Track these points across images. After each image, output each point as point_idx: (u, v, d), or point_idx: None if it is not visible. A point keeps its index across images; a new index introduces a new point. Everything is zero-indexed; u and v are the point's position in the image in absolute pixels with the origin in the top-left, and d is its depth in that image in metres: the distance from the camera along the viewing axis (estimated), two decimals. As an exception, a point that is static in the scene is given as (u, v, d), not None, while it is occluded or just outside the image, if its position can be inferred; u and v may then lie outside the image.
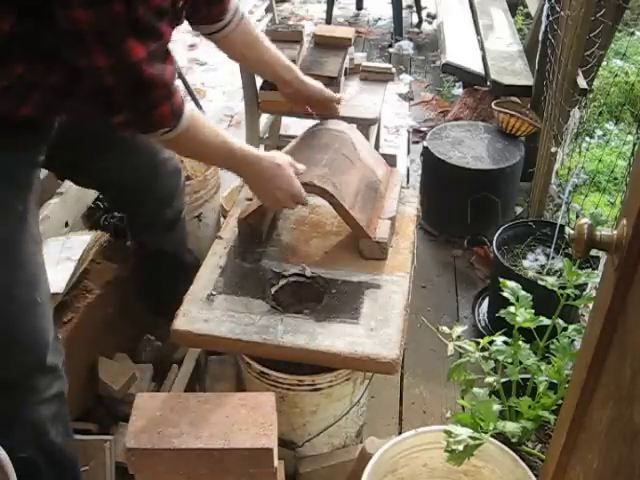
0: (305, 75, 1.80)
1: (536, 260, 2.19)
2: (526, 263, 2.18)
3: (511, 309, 1.51)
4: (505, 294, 1.53)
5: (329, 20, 4.65)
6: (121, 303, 1.94)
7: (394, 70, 2.47)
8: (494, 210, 2.54)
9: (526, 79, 2.92)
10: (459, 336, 1.50)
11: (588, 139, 3.13)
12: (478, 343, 1.49)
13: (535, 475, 1.31)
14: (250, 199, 1.77)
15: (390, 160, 2.01)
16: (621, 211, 0.89)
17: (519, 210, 2.79)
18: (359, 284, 1.60)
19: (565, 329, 1.52)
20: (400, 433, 1.87)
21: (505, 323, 1.52)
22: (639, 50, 4.21)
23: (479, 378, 1.47)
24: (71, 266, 1.76)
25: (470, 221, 2.56)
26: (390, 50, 4.45)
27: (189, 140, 1.37)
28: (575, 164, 2.56)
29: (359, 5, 5.16)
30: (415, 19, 4.95)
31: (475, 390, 1.42)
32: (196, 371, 1.91)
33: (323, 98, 1.82)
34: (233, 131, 3.30)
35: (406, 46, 4.46)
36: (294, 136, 1.97)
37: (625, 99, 3.50)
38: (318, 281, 1.62)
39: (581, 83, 2.26)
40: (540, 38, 2.67)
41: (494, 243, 2.17)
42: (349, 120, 1.94)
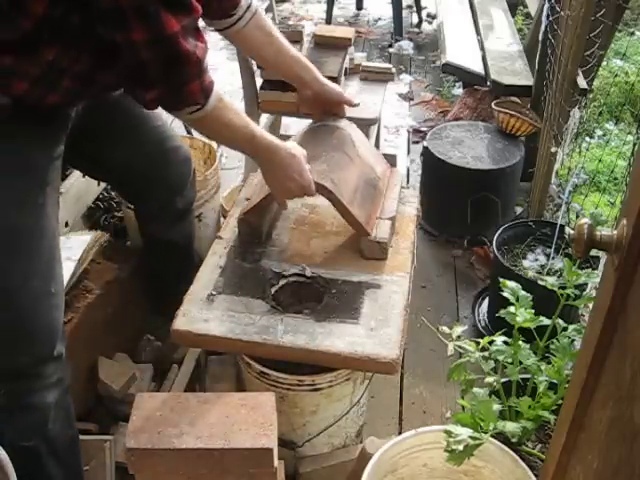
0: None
1: (536, 260, 2.19)
2: (526, 263, 2.18)
3: (511, 309, 1.51)
4: (505, 294, 1.53)
5: (329, 20, 4.65)
6: (121, 303, 1.94)
7: (394, 70, 2.48)
8: (494, 210, 2.54)
9: (526, 79, 2.92)
10: (459, 336, 1.50)
11: (588, 139, 3.13)
12: (478, 343, 1.49)
13: (535, 475, 1.31)
14: (249, 199, 1.77)
15: (390, 160, 2.01)
16: (621, 211, 0.89)
17: (519, 210, 2.79)
18: (359, 284, 1.60)
19: (565, 329, 1.52)
20: (400, 433, 1.87)
21: (505, 323, 1.52)
22: (639, 50, 4.21)
23: (479, 378, 1.47)
24: (71, 266, 1.75)
25: (470, 221, 2.55)
26: (390, 50, 4.45)
27: (214, 120, 1.39)
28: (575, 164, 2.56)
29: (359, 5, 5.16)
30: (415, 19, 4.95)
31: (475, 390, 1.42)
32: (196, 371, 1.92)
33: (342, 101, 1.80)
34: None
35: (406, 46, 4.46)
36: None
37: (625, 99, 3.50)
38: (318, 281, 1.62)
39: (581, 83, 2.26)
40: (540, 38, 2.67)
41: (494, 243, 2.17)
42: (349, 120, 1.94)
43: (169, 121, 1.83)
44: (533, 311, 1.51)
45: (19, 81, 1.25)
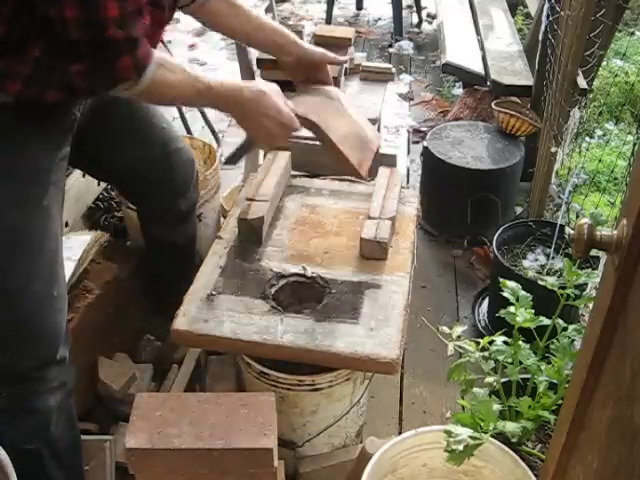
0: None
1: (536, 260, 2.19)
2: (526, 263, 2.18)
3: (511, 309, 1.51)
4: (505, 294, 1.53)
5: (329, 20, 4.64)
6: (121, 303, 1.94)
7: (394, 70, 2.47)
8: (494, 210, 2.54)
9: (526, 79, 2.92)
10: (459, 336, 1.50)
11: (588, 139, 3.13)
12: (478, 343, 1.49)
13: (535, 475, 1.31)
14: (250, 199, 1.77)
15: (390, 160, 2.01)
16: (621, 211, 0.89)
17: (519, 210, 2.79)
18: (359, 284, 1.60)
19: (565, 329, 1.52)
20: (400, 433, 1.87)
21: (505, 323, 1.52)
22: (639, 50, 4.21)
23: (479, 378, 1.47)
24: (71, 266, 1.76)
25: (470, 221, 2.56)
26: (390, 50, 4.45)
27: (159, 90, 1.29)
28: (575, 164, 2.56)
29: (359, 5, 5.16)
30: (415, 19, 4.94)
31: (475, 390, 1.42)
32: (196, 371, 1.91)
33: (327, 61, 1.67)
34: (234, 130, 3.29)
35: (406, 46, 4.46)
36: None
37: (625, 99, 3.50)
38: (318, 281, 1.62)
39: (581, 83, 2.26)
40: (540, 38, 2.67)
41: (494, 243, 2.17)
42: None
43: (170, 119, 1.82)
44: (533, 311, 1.51)
45: (11, 82, 1.23)
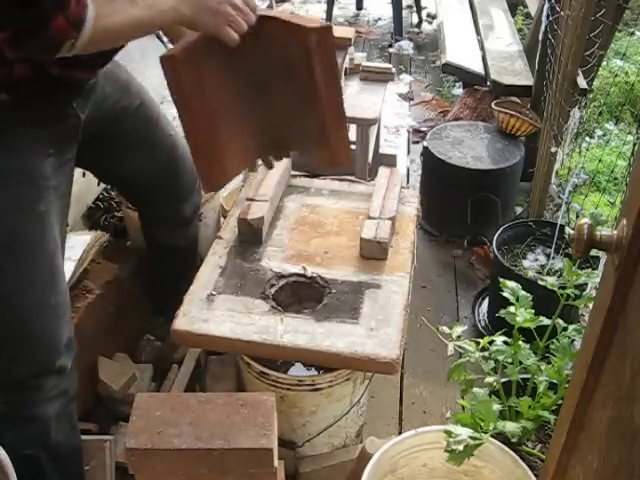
0: None
1: (536, 260, 2.19)
2: (526, 263, 2.18)
3: (511, 309, 1.51)
4: (505, 294, 1.53)
5: (329, 20, 4.64)
6: (121, 303, 1.94)
7: (394, 70, 2.48)
8: (494, 210, 2.54)
9: (526, 79, 2.92)
10: (459, 336, 1.50)
11: (588, 139, 3.13)
12: (478, 343, 1.49)
13: (535, 475, 1.31)
14: (250, 199, 1.77)
15: (390, 160, 2.01)
16: (621, 211, 0.89)
17: (519, 210, 2.79)
18: (359, 284, 1.60)
19: (565, 329, 1.52)
20: (400, 433, 1.87)
21: (505, 323, 1.52)
22: (639, 50, 4.21)
23: (479, 378, 1.47)
24: (71, 266, 1.75)
25: (470, 221, 2.55)
26: (390, 50, 4.45)
27: (106, 35, 1.13)
28: (575, 164, 2.56)
29: (359, 5, 5.16)
30: (415, 19, 4.94)
31: (475, 390, 1.42)
32: (196, 371, 1.91)
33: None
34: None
35: (406, 46, 4.46)
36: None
37: (625, 99, 3.50)
38: (318, 281, 1.62)
39: (581, 83, 2.26)
40: (540, 38, 2.67)
41: (494, 243, 2.17)
42: (349, 120, 1.94)
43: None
44: (533, 311, 1.51)
45: None
